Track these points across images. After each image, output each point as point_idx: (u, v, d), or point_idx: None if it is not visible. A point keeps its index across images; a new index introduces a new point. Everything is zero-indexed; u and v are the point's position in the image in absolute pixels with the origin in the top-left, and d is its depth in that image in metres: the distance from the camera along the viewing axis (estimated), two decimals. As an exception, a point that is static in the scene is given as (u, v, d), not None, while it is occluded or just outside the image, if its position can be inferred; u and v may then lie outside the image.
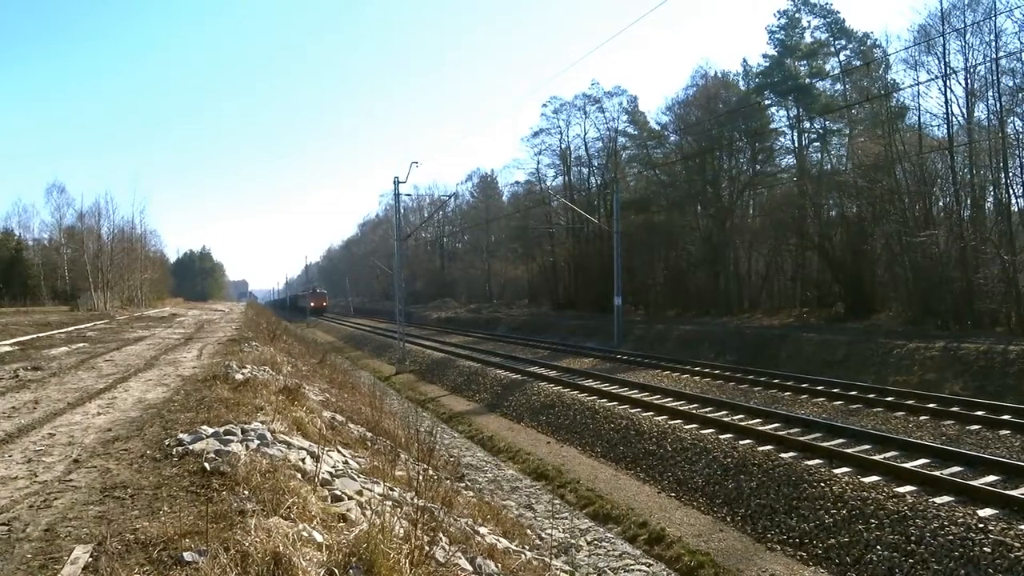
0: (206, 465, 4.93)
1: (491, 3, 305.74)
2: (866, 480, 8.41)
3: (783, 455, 9.79)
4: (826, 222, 29.89)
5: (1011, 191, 22.59)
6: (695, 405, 13.91)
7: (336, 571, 3.23)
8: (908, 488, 8.04)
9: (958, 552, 6.61)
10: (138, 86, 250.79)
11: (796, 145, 35.54)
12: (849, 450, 9.73)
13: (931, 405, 12.72)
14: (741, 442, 10.70)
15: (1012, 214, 22.48)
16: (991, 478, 8.30)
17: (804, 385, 15.53)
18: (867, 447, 10.02)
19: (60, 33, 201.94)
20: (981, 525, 6.83)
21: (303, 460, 5.54)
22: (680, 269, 37.07)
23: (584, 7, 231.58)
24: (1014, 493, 7.55)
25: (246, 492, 4.32)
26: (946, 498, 7.67)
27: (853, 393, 14.26)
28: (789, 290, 34.02)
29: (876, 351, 18.19)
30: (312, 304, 78.85)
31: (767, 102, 35.66)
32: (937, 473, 8.43)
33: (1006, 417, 11.42)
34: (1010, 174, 22.51)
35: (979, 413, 11.90)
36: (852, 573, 7.13)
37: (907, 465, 8.87)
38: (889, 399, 13.52)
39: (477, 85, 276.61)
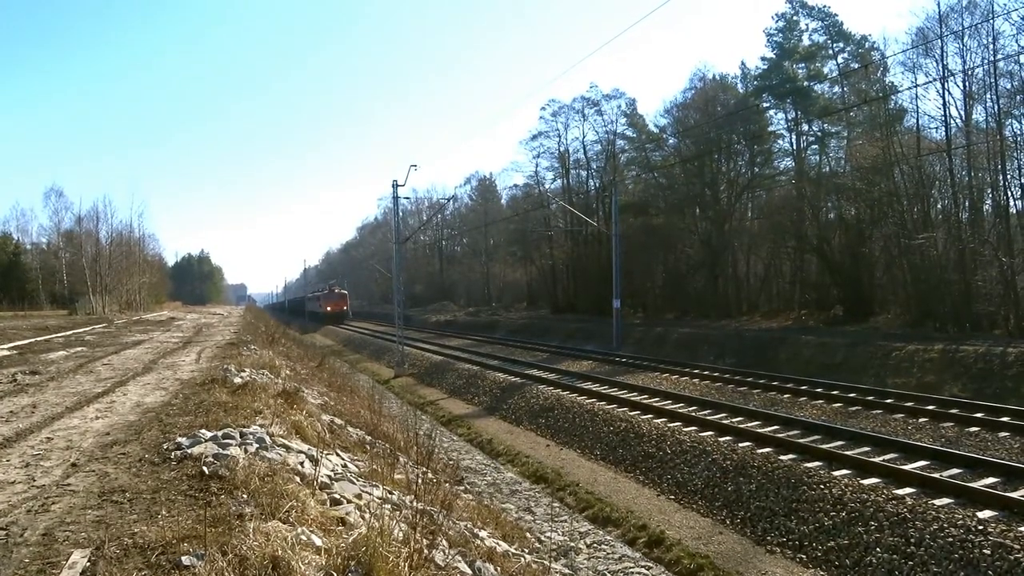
0: (204, 469, 4.92)
1: (490, 5, 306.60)
2: (865, 482, 8.41)
3: (782, 457, 9.78)
4: (824, 225, 29.93)
5: (1009, 193, 22.67)
6: (694, 408, 13.90)
7: (335, 575, 3.22)
8: (907, 490, 8.03)
9: (958, 554, 6.61)
10: (138, 91, 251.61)
11: (794, 148, 35.63)
12: (848, 452, 9.72)
13: (930, 407, 12.70)
14: (740, 444, 10.69)
15: (1010, 216, 22.51)
16: (990, 480, 8.29)
17: (803, 387, 15.52)
18: (866, 449, 10.01)
19: (61, 38, 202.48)
20: (980, 527, 6.83)
21: (302, 464, 5.53)
22: (679, 272, 37.09)
23: (584, 8, 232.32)
24: (1014, 495, 7.54)
25: (244, 496, 4.31)
26: (945, 500, 7.66)
27: (852, 395, 14.24)
28: (788, 293, 34.05)
29: (875, 353, 18.19)
30: (328, 308, 60.32)
31: (765, 105, 35.76)
32: (936, 475, 8.42)
33: (1005, 419, 11.41)
34: (1008, 176, 22.59)
35: (978, 415, 11.90)
36: (852, 575, 7.13)
37: (906, 467, 8.86)
38: (888, 401, 13.52)
39: (476, 87, 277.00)
